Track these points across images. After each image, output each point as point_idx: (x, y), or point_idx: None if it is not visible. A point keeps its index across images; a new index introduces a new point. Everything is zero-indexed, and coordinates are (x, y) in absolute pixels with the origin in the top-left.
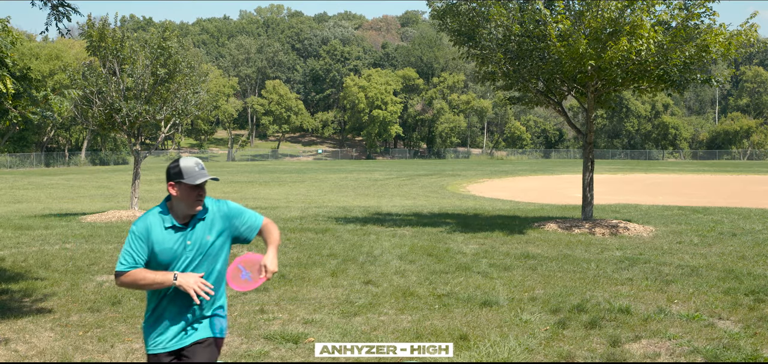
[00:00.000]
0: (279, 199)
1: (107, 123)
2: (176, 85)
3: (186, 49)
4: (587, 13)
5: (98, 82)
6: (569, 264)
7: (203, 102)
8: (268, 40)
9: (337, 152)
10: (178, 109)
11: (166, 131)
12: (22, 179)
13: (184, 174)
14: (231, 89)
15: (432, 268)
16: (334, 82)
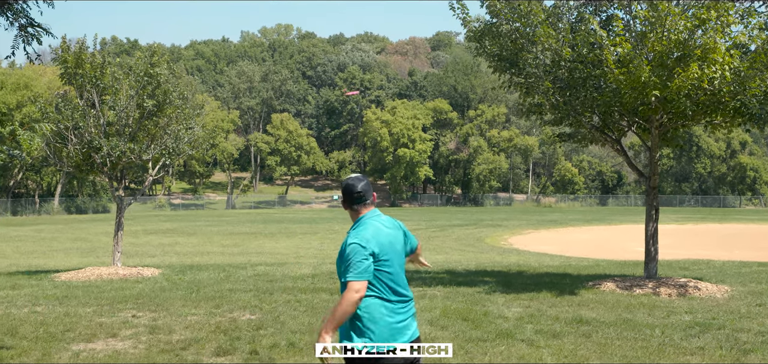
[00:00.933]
0: (288, 253)
1: (85, 164)
2: (166, 120)
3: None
4: (651, 34)
5: (74, 115)
6: (629, 330)
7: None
8: (274, 66)
9: None
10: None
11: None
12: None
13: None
14: (231, 124)
15: (468, 335)
16: (352, 115)
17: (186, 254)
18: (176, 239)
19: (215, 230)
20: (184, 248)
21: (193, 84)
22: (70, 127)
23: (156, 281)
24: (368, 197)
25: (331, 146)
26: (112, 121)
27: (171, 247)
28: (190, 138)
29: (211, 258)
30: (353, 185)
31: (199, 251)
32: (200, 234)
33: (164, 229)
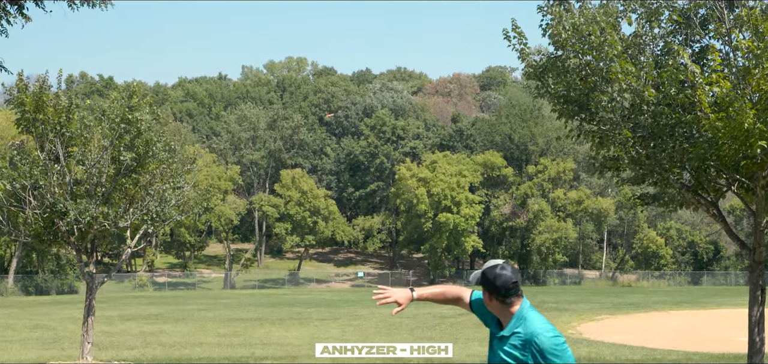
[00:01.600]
0: (300, 344)
1: (46, 232)
2: (148, 177)
3: (163, 123)
4: (755, 70)
5: (33, 171)
6: None
7: (188, 202)
8: (284, 110)
9: (386, 276)
10: (152, 212)
11: (134, 245)
12: None
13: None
14: (230, 183)
15: None
16: (381, 171)
17: (173, 345)
18: (161, 327)
19: (210, 315)
20: (172, 337)
21: (182, 132)
22: (28, 186)
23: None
24: (520, 287)
25: (355, 210)
26: (80, 178)
27: (155, 336)
28: (179, 200)
29: (205, 350)
30: (508, 277)
31: (190, 342)
32: (191, 320)
33: (146, 314)
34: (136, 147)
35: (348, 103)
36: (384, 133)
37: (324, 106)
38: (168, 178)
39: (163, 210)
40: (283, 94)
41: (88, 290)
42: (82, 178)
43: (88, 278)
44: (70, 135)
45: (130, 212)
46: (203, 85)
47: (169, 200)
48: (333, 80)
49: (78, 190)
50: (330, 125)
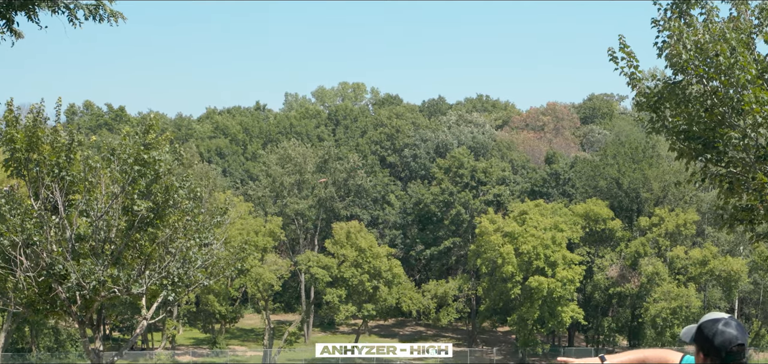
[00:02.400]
0: None
1: (42, 300)
2: (169, 232)
3: (187, 164)
4: None
5: (25, 224)
6: None
7: (218, 262)
8: (337, 148)
9: (463, 354)
10: (173, 275)
11: (151, 316)
12: None
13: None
14: (270, 239)
15: None
16: (458, 224)
17: None
18: None
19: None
20: None
21: (210, 176)
22: (19, 243)
23: None
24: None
25: (426, 273)
26: (84, 233)
27: None
28: (206, 260)
29: None
30: (732, 336)
31: None
32: None
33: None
34: (153, 194)
35: (417, 140)
36: (461, 177)
37: (386, 143)
38: (193, 234)
39: (186, 273)
40: (335, 129)
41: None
42: (87, 234)
43: (93, 358)
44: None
45: (146, 276)
46: (237, 117)
47: (194, 260)
48: (398, 111)
49: (81, 247)
50: (394, 167)
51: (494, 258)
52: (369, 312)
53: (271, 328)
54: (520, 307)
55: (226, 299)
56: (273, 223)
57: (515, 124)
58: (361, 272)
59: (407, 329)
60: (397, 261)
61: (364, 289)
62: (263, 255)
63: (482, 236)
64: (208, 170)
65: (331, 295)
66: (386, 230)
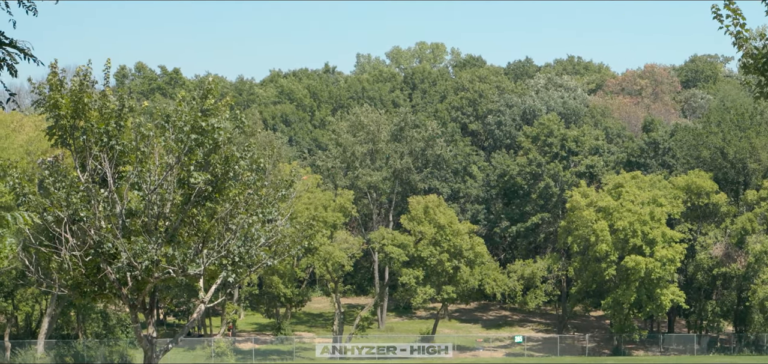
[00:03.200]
0: None
1: (90, 282)
2: (229, 207)
3: (249, 132)
4: None
5: (71, 199)
6: None
7: (283, 240)
8: (414, 115)
9: (553, 341)
10: (233, 254)
11: (209, 299)
12: None
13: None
14: (340, 214)
15: None
16: (546, 198)
17: None
18: None
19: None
20: None
21: (275, 145)
22: (64, 219)
23: None
24: None
25: (512, 252)
26: (136, 208)
27: None
28: (270, 238)
29: None
30: None
31: None
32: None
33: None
34: (211, 165)
35: (501, 106)
36: (550, 146)
37: (468, 109)
38: (255, 209)
39: (248, 252)
40: (412, 93)
41: (147, 361)
42: (138, 209)
43: (146, 345)
44: (122, 149)
45: (204, 255)
46: (304, 80)
47: (256, 237)
48: (481, 74)
49: (132, 224)
50: (476, 135)
51: (587, 235)
52: (449, 295)
53: (341, 312)
54: (615, 289)
55: (292, 281)
56: (343, 197)
57: (610, 89)
58: (440, 250)
59: (491, 313)
60: (479, 239)
61: (444, 269)
62: (333, 232)
63: (573, 212)
64: (272, 139)
65: (408, 276)
66: (468, 205)
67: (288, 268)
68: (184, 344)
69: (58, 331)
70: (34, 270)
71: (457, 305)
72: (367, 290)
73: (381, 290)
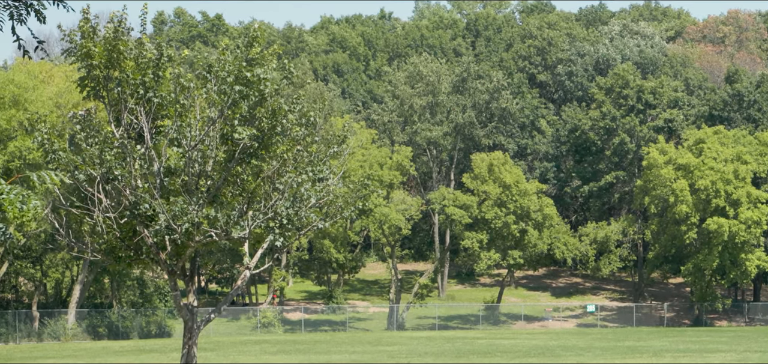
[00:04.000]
0: None
1: (125, 246)
2: (276, 164)
3: (298, 83)
4: None
5: (105, 156)
6: None
7: (335, 201)
8: (477, 65)
9: (628, 310)
10: (281, 216)
11: (254, 265)
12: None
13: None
14: (397, 173)
15: None
16: (621, 156)
17: None
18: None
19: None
20: None
21: (326, 98)
22: (97, 178)
23: None
24: None
25: (583, 214)
26: (175, 166)
27: None
28: (321, 198)
29: None
30: None
31: None
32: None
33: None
34: (257, 120)
35: (572, 55)
36: (626, 98)
37: (536, 59)
38: (305, 166)
39: (297, 213)
40: (475, 42)
41: (187, 332)
42: (178, 166)
43: (186, 314)
44: (160, 102)
45: (249, 217)
46: (357, 27)
47: (306, 197)
48: (550, 20)
49: (171, 183)
50: (545, 86)
51: (665, 196)
52: (515, 260)
53: (398, 279)
54: (695, 254)
55: (345, 245)
56: (401, 154)
57: (690, 36)
58: (506, 212)
59: (561, 280)
60: (548, 199)
61: (510, 232)
62: (389, 192)
63: (651, 170)
64: (323, 91)
65: (470, 240)
66: (536, 163)
67: (340, 231)
68: (227, 313)
69: (91, 299)
70: (65, 233)
71: (524, 271)
72: (426, 255)
73: (441, 255)
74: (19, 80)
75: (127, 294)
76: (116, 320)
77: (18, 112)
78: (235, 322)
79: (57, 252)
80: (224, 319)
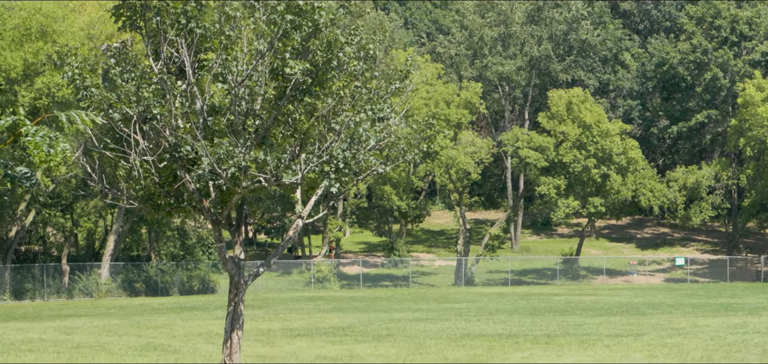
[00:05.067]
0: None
1: (164, 193)
2: (332, 103)
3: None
4: None
5: (142, 93)
6: None
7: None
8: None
9: (721, 263)
10: (337, 159)
11: (307, 213)
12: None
13: None
14: (466, 112)
15: None
16: (714, 93)
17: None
18: (352, 349)
19: (433, 330)
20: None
21: (387, 29)
22: (133, 117)
23: None
24: None
25: (672, 157)
26: (220, 105)
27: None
28: (381, 140)
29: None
30: None
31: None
32: (402, 337)
33: (328, 326)
34: (311, 53)
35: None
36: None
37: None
38: (364, 105)
39: (355, 156)
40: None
41: (233, 288)
42: (223, 105)
43: (232, 268)
44: (203, 33)
45: (302, 160)
46: None
47: (364, 139)
48: None
49: (216, 123)
50: (628, 16)
51: (762, 137)
52: (596, 208)
53: (466, 229)
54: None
55: (408, 192)
56: (470, 90)
57: None
58: (586, 155)
59: (646, 230)
60: (633, 141)
61: (590, 178)
62: (457, 133)
63: (746, 108)
64: (383, 21)
65: (547, 185)
66: (619, 100)
67: (403, 176)
68: (277, 267)
69: (126, 252)
70: (98, 179)
71: (606, 220)
72: (497, 202)
73: (514, 203)
74: (48, 10)
75: (167, 246)
76: (154, 274)
77: (46, 45)
78: (286, 276)
79: (89, 199)
80: (274, 273)
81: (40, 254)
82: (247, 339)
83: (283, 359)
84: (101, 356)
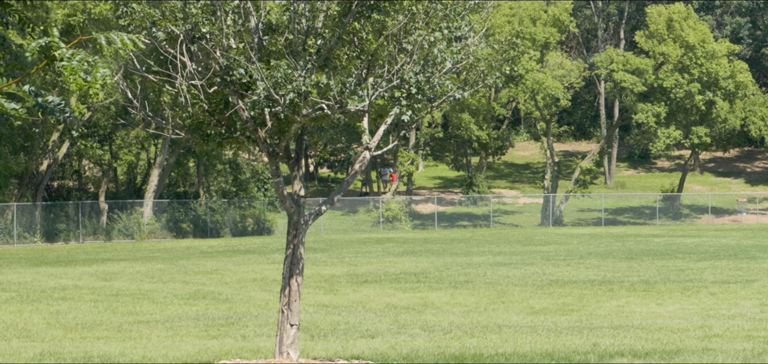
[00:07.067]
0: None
1: (215, 122)
2: (403, 20)
3: None
4: None
5: (189, 9)
6: None
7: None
8: None
9: None
10: (409, 83)
11: (375, 144)
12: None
13: None
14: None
15: None
16: None
17: (449, 331)
18: (426, 296)
19: (516, 275)
20: (446, 315)
21: None
22: (179, 36)
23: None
24: None
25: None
26: (277, 22)
27: (415, 314)
28: (458, 62)
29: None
30: None
31: (479, 324)
32: (482, 283)
33: (398, 271)
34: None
35: None
36: None
37: None
38: (439, 22)
39: (429, 80)
40: None
41: (292, 229)
42: (280, 22)
43: (291, 206)
44: None
45: (369, 84)
46: None
47: (440, 61)
48: None
49: (273, 43)
50: None
51: None
52: (701, 139)
53: (554, 163)
54: None
55: (488, 120)
56: (559, 6)
57: None
58: (689, 79)
59: (757, 164)
60: (742, 63)
61: (694, 105)
62: (544, 54)
63: None
64: None
65: (645, 113)
66: (726, 17)
67: (483, 102)
68: (342, 205)
69: (172, 188)
70: (139, 106)
71: (712, 152)
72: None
73: (608, 133)
74: None
75: (217, 182)
76: (203, 213)
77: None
78: (352, 216)
79: (130, 129)
80: (338, 211)
81: (75, 190)
82: (308, 286)
83: (349, 308)
84: (143, 305)
